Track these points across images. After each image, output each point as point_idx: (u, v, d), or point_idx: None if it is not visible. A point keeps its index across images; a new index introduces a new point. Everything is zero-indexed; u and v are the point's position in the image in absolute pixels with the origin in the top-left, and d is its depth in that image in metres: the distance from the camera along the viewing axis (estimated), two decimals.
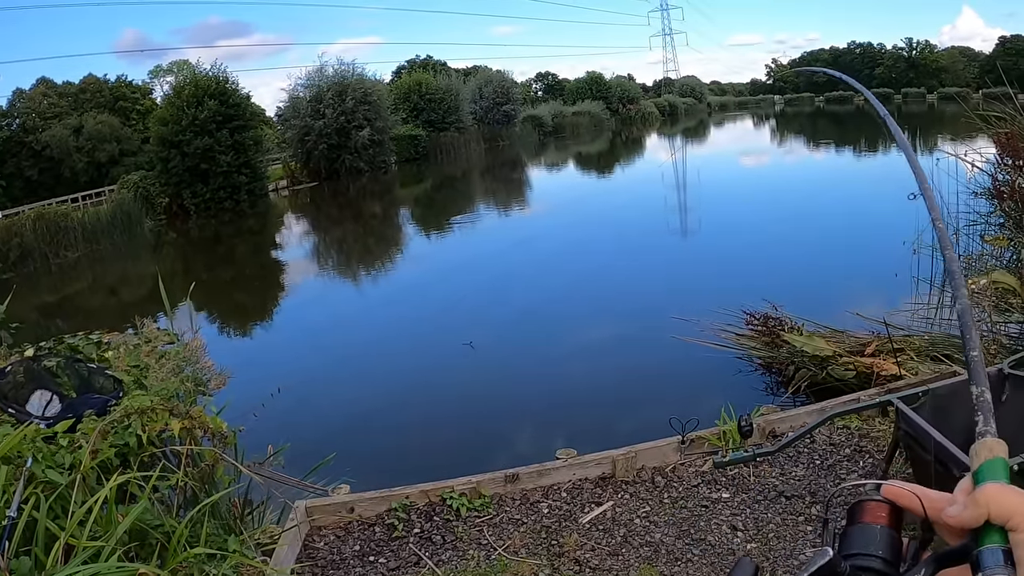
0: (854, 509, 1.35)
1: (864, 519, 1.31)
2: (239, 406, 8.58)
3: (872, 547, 1.26)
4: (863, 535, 1.29)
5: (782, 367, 11.12)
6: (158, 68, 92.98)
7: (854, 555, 1.27)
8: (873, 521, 1.30)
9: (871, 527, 1.29)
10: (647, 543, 6.63)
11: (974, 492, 1.19)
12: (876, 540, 1.27)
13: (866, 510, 1.32)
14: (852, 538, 1.30)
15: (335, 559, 6.86)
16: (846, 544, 1.29)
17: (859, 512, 1.33)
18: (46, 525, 4.45)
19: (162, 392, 6.02)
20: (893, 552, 1.27)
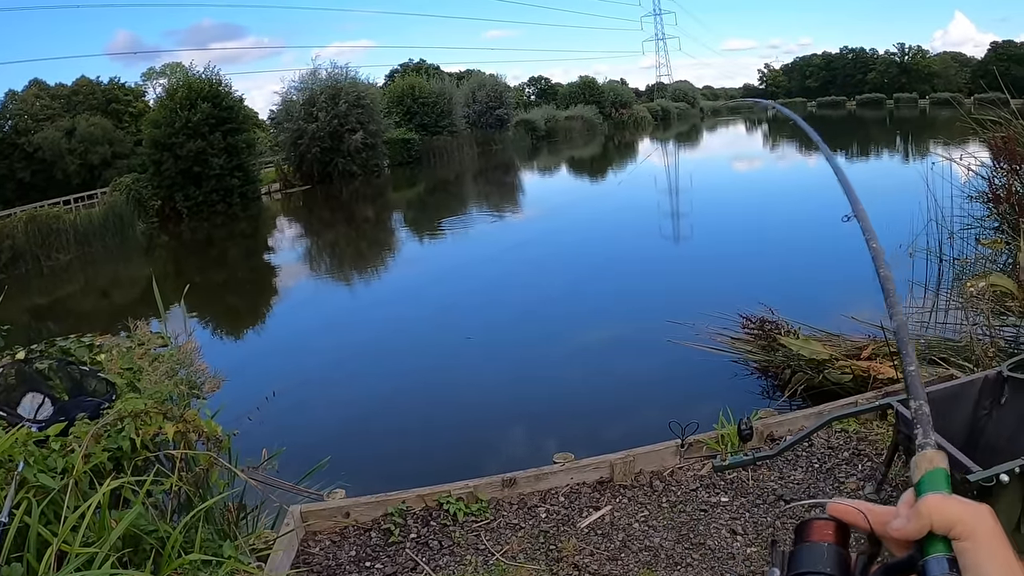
0: (801, 529, 1.36)
1: (811, 538, 1.33)
2: (233, 409, 8.54)
3: (820, 565, 1.28)
4: (811, 554, 1.30)
5: (778, 371, 11.11)
6: (151, 70, 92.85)
7: (802, 574, 1.28)
8: (820, 539, 1.32)
9: (818, 545, 1.31)
10: (646, 547, 6.59)
11: (916, 504, 1.23)
12: (824, 558, 1.29)
13: (812, 529, 1.34)
14: (800, 557, 1.31)
15: (331, 564, 6.80)
16: (794, 564, 1.31)
17: (806, 531, 1.34)
18: (38, 531, 4.39)
19: (156, 395, 5.97)
20: (841, 568, 1.28)
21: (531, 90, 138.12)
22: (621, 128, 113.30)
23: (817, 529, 1.32)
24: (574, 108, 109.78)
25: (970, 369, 8.71)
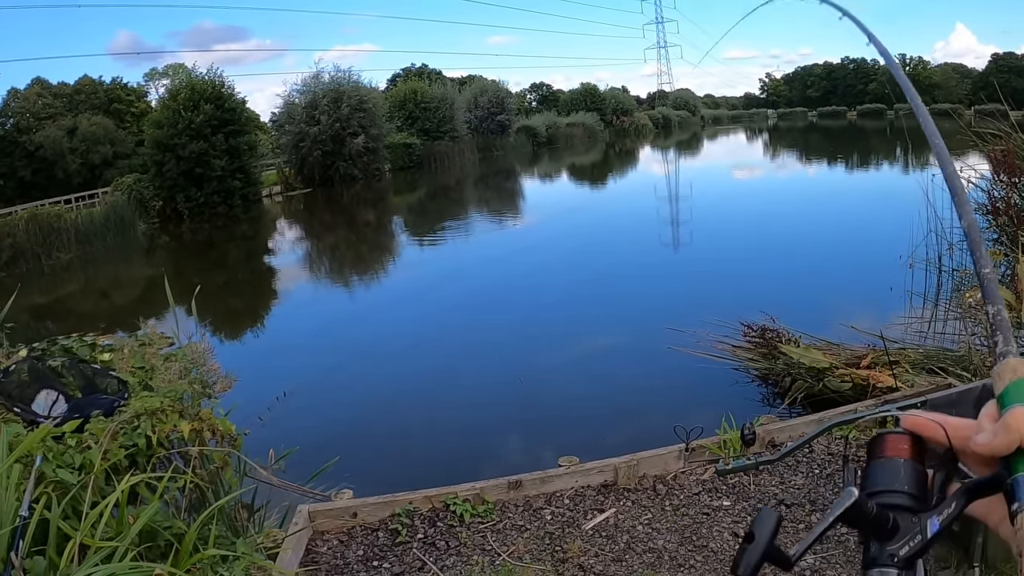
0: (874, 444, 1.31)
1: (886, 453, 1.28)
2: (241, 409, 8.61)
3: (897, 483, 1.23)
4: (886, 471, 1.26)
5: (778, 379, 11.17)
6: (153, 71, 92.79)
7: (878, 492, 1.24)
8: (895, 455, 1.27)
9: (894, 461, 1.26)
10: (650, 549, 6.67)
11: (1003, 416, 1.14)
12: (900, 475, 1.24)
13: (887, 444, 1.29)
14: (875, 474, 1.27)
15: (339, 564, 6.87)
16: (869, 481, 1.27)
17: (880, 446, 1.30)
18: (58, 525, 4.46)
19: (171, 394, 6.04)
20: (919, 486, 1.23)
21: (532, 96, 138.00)
22: (622, 135, 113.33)
23: (892, 444, 1.28)
24: (575, 115, 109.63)
25: (968, 379, 8.79)
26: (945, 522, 1.18)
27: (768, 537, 1.18)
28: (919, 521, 1.19)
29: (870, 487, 1.24)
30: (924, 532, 1.18)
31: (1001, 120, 15.52)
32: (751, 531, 1.19)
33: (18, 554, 4.10)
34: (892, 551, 1.17)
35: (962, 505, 1.18)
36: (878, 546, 1.19)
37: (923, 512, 1.20)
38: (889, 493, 1.22)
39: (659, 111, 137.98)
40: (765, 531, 1.18)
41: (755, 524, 1.20)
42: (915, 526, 1.19)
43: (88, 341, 8.71)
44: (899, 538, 1.18)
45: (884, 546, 1.18)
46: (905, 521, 1.19)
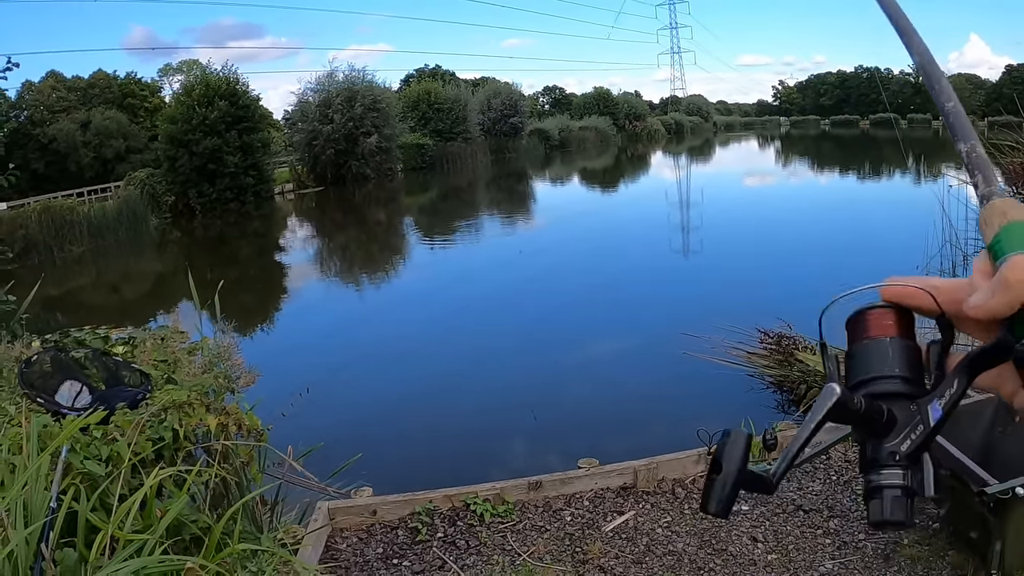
0: (854, 325, 1.17)
1: (869, 334, 1.14)
2: (262, 404, 8.62)
3: (886, 366, 1.10)
4: (872, 354, 1.12)
5: (794, 386, 11.16)
6: (168, 67, 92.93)
7: (867, 381, 1.11)
8: (880, 334, 1.13)
9: (879, 342, 1.12)
10: (670, 552, 6.70)
11: (1000, 270, 0.98)
12: (888, 357, 1.10)
13: (869, 322, 1.15)
14: (859, 361, 1.13)
15: (358, 561, 6.90)
16: (854, 370, 1.13)
17: (860, 326, 1.15)
18: (87, 517, 4.47)
19: (197, 387, 6.06)
20: (912, 366, 1.10)
21: (545, 99, 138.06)
22: (634, 140, 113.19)
23: (874, 321, 1.14)
24: (588, 119, 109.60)
25: None
26: (948, 405, 1.05)
27: (738, 463, 1.05)
28: (918, 408, 1.07)
29: (856, 376, 1.12)
30: (926, 420, 1.06)
31: (1016, 131, 15.52)
32: (717, 459, 1.05)
33: (48, 546, 4.11)
34: (892, 448, 1.06)
35: (965, 382, 1.04)
36: (875, 444, 1.08)
37: (921, 396, 1.08)
38: (878, 380, 1.10)
39: (671, 116, 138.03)
40: (734, 456, 1.05)
41: (721, 451, 1.06)
42: (914, 415, 1.07)
43: (101, 334, 8.73)
44: (898, 431, 1.07)
45: (882, 443, 1.07)
46: (902, 410, 1.08)
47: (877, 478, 1.05)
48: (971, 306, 1.01)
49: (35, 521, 4.16)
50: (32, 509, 4.27)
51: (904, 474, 1.04)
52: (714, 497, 1.04)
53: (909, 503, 1.04)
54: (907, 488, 1.04)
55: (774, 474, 1.08)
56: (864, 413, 1.05)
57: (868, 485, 1.07)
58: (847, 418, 1.05)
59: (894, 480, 1.04)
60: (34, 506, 4.30)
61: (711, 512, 1.04)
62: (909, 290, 1.11)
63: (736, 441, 1.05)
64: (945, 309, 1.08)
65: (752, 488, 1.07)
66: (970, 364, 1.03)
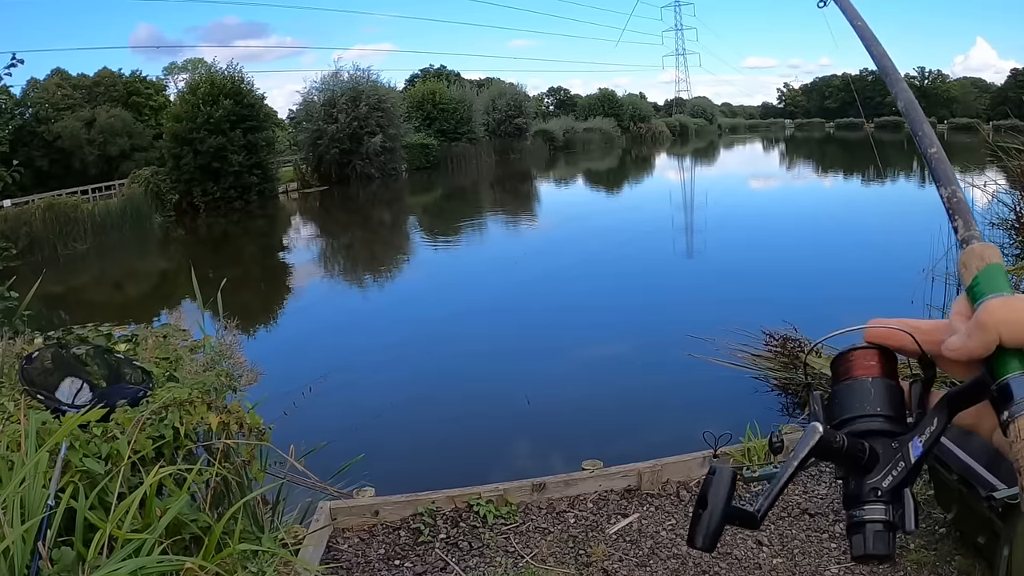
0: (838, 365, 1.20)
1: (852, 374, 1.16)
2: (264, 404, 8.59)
3: (868, 405, 1.12)
4: (854, 394, 1.14)
5: (798, 389, 11.11)
6: (173, 65, 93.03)
7: (850, 420, 1.13)
8: (863, 374, 1.14)
9: (861, 382, 1.14)
10: (674, 555, 6.67)
11: (976, 313, 1.02)
12: (870, 396, 1.13)
13: (852, 362, 1.16)
14: (842, 400, 1.15)
15: (360, 562, 6.87)
16: (836, 409, 1.16)
17: (844, 367, 1.18)
18: (86, 516, 4.43)
19: (198, 385, 6.02)
20: (894, 405, 1.12)
21: (550, 100, 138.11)
22: (639, 142, 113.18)
23: (858, 362, 1.16)
24: (593, 120, 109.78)
25: None
26: (929, 442, 1.08)
27: (724, 499, 1.06)
28: (899, 445, 1.10)
29: (839, 415, 1.15)
30: (907, 457, 1.08)
31: (1022, 135, 15.49)
32: (703, 495, 1.07)
33: (45, 544, 4.06)
34: (874, 484, 1.08)
35: (945, 420, 1.09)
36: (858, 480, 1.10)
37: (903, 434, 1.11)
38: (861, 419, 1.12)
39: (676, 118, 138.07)
40: (720, 492, 1.07)
41: (707, 487, 1.08)
42: (896, 452, 1.09)
43: (104, 331, 8.71)
44: (880, 468, 1.09)
45: (864, 479, 1.09)
46: (884, 448, 1.10)
47: (860, 513, 1.08)
48: (949, 348, 1.05)
49: (31, 518, 4.12)
50: (29, 506, 4.23)
51: (886, 509, 1.07)
52: (700, 532, 1.05)
53: (891, 537, 1.06)
54: (889, 523, 1.06)
55: (758, 510, 1.10)
56: (847, 451, 1.08)
57: (851, 520, 1.09)
58: (830, 456, 1.08)
59: (876, 515, 1.07)
60: (32, 503, 4.25)
61: (697, 546, 1.05)
62: (891, 332, 1.14)
63: (721, 477, 1.08)
64: (926, 349, 1.12)
65: (737, 523, 1.08)
66: (949, 403, 1.08)
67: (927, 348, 1.11)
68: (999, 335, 0.98)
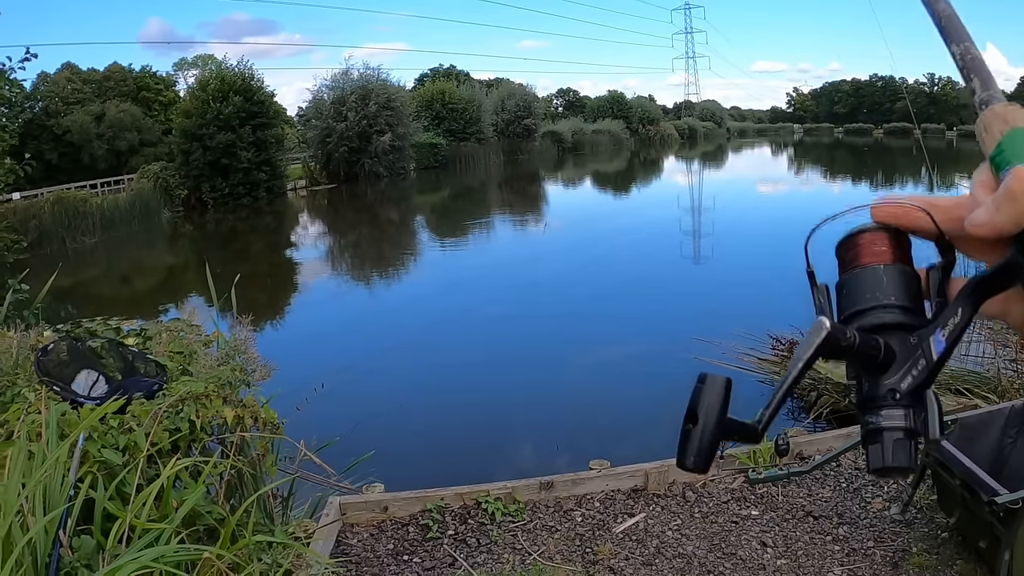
0: (844, 251, 1.08)
1: (861, 260, 1.04)
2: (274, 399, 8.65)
3: (881, 295, 1.00)
4: (865, 283, 1.02)
5: (804, 393, 11.17)
6: (183, 61, 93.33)
7: (860, 313, 1.01)
8: (873, 260, 1.02)
9: (872, 270, 1.02)
10: (679, 555, 6.72)
11: (1004, 182, 0.86)
12: (883, 285, 1.00)
13: (861, 248, 1.05)
14: (851, 290, 1.04)
15: (369, 556, 6.94)
16: (846, 301, 1.04)
17: (851, 252, 1.06)
18: (105, 506, 4.50)
19: (214, 379, 6.09)
20: (911, 295, 1.00)
21: (559, 101, 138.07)
22: (647, 145, 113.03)
23: (866, 246, 1.04)
24: (602, 122, 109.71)
25: (995, 400, 8.81)
26: (952, 335, 0.94)
27: (717, 410, 0.92)
28: (919, 340, 0.97)
29: (848, 308, 1.03)
30: (928, 353, 0.95)
31: None
32: (691, 408, 0.93)
33: (66, 532, 4.14)
34: (891, 385, 0.96)
35: (970, 310, 0.94)
36: (872, 382, 0.98)
37: (922, 327, 0.98)
38: (873, 311, 1.00)
39: (685, 121, 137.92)
40: (712, 403, 0.93)
41: (696, 398, 0.93)
42: (915, 348, 0.97)
43: (113, 325, 8.77)
44: (897, 367, 0.97)
45: (880, 380, 0.97)
46: (901, 344, 0.98)
47: (876, 420, 0.96)
48: (973, 224, 0.90)
49: (52, 508, 4.19)
50: (50, 496, 4.30)
51: (906, 414, 0.95)
52: (691, 450, 0.92)
53: (912, 446, 0.95)
54: (910, 430, 0.95)
55: (759, 421, 0.97)
56: (858, 348, 0.95)
57: (866, 428, 0.98)
58: (839, 354, 0.95)
59: (895, 422, 0.95)
60: (52, 493, 4.33)
61: (688, 467, 0.92)
62: (903, 209, 1.01)
63: (713, 386, 0.94)
64: (945, 229, 0.98)
65: (734, 437, 0.96)
66: (975, 289, 0.94)
67: (946, 227, 0.98)
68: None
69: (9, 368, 7.18)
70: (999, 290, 0.92)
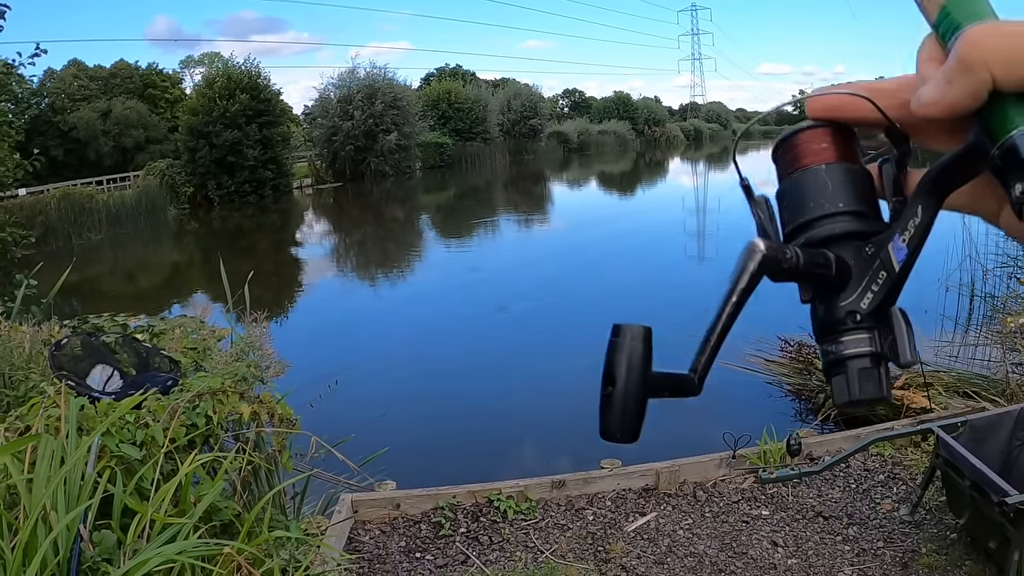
0: (780, 156, 0.96)
1: (801, 162, 0.91)
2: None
3: (825, 202, 0.88)
4: (806, 190, 0.89)
5: (812, 395, 11.19)
6: (189, 58, 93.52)
7: (805, 226, 0.89)
8: (814, 161, 0.90)
9: (813, 173, 0.89)
10: (691, 554, 6.75)
11: (954, 49, 0.72)
12: (828, 190, 0.88)
13: (798, 149, 0.92)
14: (792, 201, 0.91)
15: (381, 554, 6.96)
16: (787, 214, 0.92)
17: (788, 156, 0.94)
18: (125, 501, 4.53)
19: (230, 375, 6.12)
20: (861, 196, 0.88)
21: (565, 102, 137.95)
22: (653, 146, 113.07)
23: (804, 146, 0.91)
24: (607, 123, 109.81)
25: (1003, 403, 8.83)
26: (914, 239, 0.83)
27: (638, 365, 0.80)
28: (876, 250, 0.85)
29: (791, 221, 0.91)
30: (888, 264, 0.84)
31: None
32: (607, 368, 0.81)
33: (87, 526, 4.17)
34: (849, 307, 0.85)
35: (933, 206, 0.83)
36: (828, 304, 0.87)
37: (878, 234, 0.86)
38: (819, 222, 0.88)
39: (691, 123, 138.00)
40: (631, 357, 0.81)
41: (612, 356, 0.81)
42: (872, 259, 0.85)
43: (119, 321, 8.81)
44: (855, 284, 0.85)
45: (836, 302, 0.86)
46: (855, 256, 0.86)
47: (837, 348, 0.85)
48: (922, 102, 0.76)
49: (71, 502, 4.23)
50: (69, 490, 4.33)
51: (870, 338, 0.84)
52: (613, 417, 0.80)
53: (881, 373, 0.84)
54: (876, 355, 0.84)
55: (693, 370, 0.83)
56: (804, 267, 0.83)
57: (827, 359, 0.87)
58: (783, 276, 0.84)
59: (859, 348, 0.84)
60: (71, 487, 4.36)
61: (614, 437, 0.81)
62: (840, 99, 0.87)
63: (628, 337, 0.82)
64: (892, 116, 0.84)
65: (667, 394, 0.83)
66: (935, 182, 0.82)
67: (894, 114, 0.84)
68: (991, 74, 0.70)
69: (22, 363, 7.23)
70: (963, 180, 0.81)
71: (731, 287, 0.82)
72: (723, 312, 0.83)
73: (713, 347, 0.83)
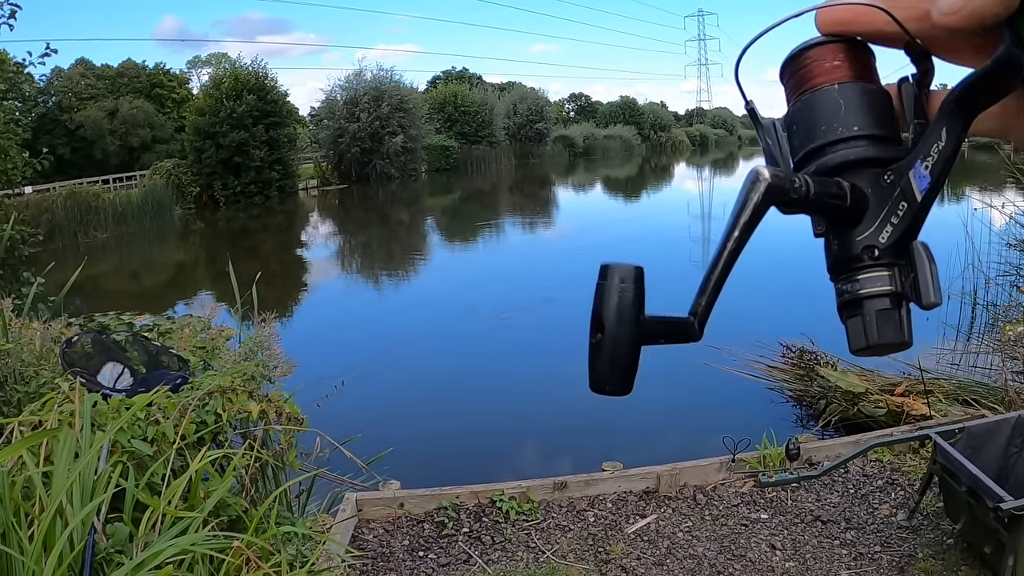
0: (789, 75, 0.88)
1: (811, 82, 0.84)
2: None
3: (839, 126, 0.80)
4: (818, 112, 0.82)
5: (813, 401, 11.23)
6: (196, 59, 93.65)
7: (816, 151, 0.82)
8: (826, 81, 0.82)
9: (825, 93, 0.82)
10: (690, 556, 6.82)
11: None
12: (841, 111, 0.80)
13: (808, 68, 0.84)
14: (802, 124, 0.84)
15: (385, 552, 7.03)
16: (797, 139, 0.85)
17: (797, 75, 0.86)
18: (137, 495, 4.61)
19: (239, 373, 6.21)
20: (879, 119, 0.80)
21: (571, 106, 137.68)
22: (658, 151, 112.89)
23: (814, 64, 0.84)
24: (613, 127, 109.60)
25: (1002, 411, 8.89)
26: (937, 166, 0.76)
27: (630, 309, 0.76)
28: (896, 178, 0.78)
29: (802, 146, 0.84)
30: (909, 193, 0.77)
31: None
32: (596, 313, 0.76)
33: (100, 519, 4.26)
34: (866, 241, 0.79)
35: (959, 130, 0.75)
36: (843, 238, 0.82)
37: (898, 160, 0.79)
38: (832, 147, 0.81)
39: (696, 128, 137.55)
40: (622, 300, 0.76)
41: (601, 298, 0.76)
42: (892, 187, 0.78)
43: (125, 320, 8.90)
44: (872, 216, 0.79)
45: (852, 236, 0.80)
46: (873, 185, 0.79)
47: (852, 287, 0.80)
48: (943, 11, 0.68)
49: (85, 496, 4.31)
50: (83, 484, 4.42)
51: (890, 276, 0.78)
52: (602, 367, 0.76)
53: (901, 315, 0.78)
54: (896, 295, 0.78)
55: (694, 312, 0.80)
56: (815, 197, 0.78)
57: (842, 298, 0.82)
58: (792, 207, 0.79)
59: (877, 286, 0.78)
60: (85, 481, 4.44)
61: (604, 389, 0.77)
62: (855, 10, 0.80)
63: (619, 279, 0.76)
64: (912, 29, 0.76)
65: (661, 340, 0.79)
66: (959, 102, 0.74)
67: (913, 27, 0.76)
68: None
69: (33, 360, 7.31)
70: (993, 99, 0.73)
71: (733, 220, 0.78)
72: (724, 248, 0.79)
73: (714, 287, 0.80)
